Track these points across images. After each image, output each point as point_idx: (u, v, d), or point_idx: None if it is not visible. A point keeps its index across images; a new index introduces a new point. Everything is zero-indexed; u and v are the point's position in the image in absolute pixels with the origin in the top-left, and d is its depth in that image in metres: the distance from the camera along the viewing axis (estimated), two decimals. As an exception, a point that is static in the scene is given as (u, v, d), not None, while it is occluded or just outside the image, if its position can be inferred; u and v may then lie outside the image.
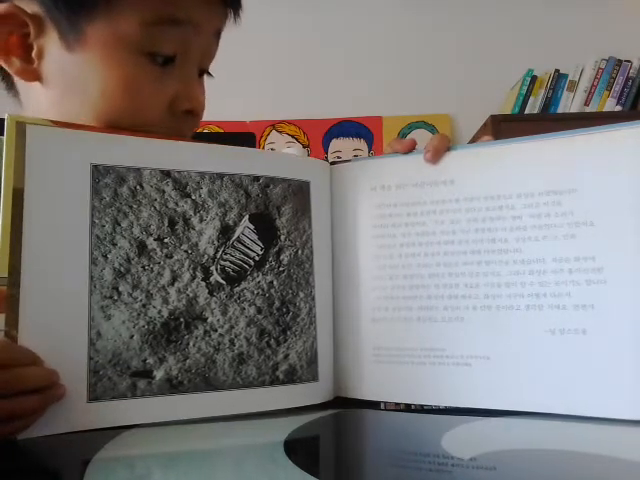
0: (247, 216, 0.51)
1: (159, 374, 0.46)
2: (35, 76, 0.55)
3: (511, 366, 0.49)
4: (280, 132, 2.32)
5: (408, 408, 0.52)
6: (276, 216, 0.52)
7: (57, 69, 0.54)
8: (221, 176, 0.50)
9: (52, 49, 0.53)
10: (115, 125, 0.52)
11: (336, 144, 2.31)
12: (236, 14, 0.59)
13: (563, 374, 0.47)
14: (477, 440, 0.44)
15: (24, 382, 0.41)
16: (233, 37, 0.62)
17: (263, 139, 2.31)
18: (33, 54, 0.53)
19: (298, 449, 0.42)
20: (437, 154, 0.54)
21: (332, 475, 0.38)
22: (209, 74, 0.61)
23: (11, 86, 0.59)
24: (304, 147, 2.29)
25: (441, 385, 0.51)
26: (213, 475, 0.37)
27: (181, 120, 0.57)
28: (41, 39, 0.53)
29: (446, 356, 0.51)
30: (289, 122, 2.31)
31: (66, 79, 0.54)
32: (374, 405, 0.53)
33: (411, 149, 0.56)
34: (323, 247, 0.55)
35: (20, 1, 0.53)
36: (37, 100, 0.56)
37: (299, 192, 0.54)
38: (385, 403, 0.53)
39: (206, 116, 0.62)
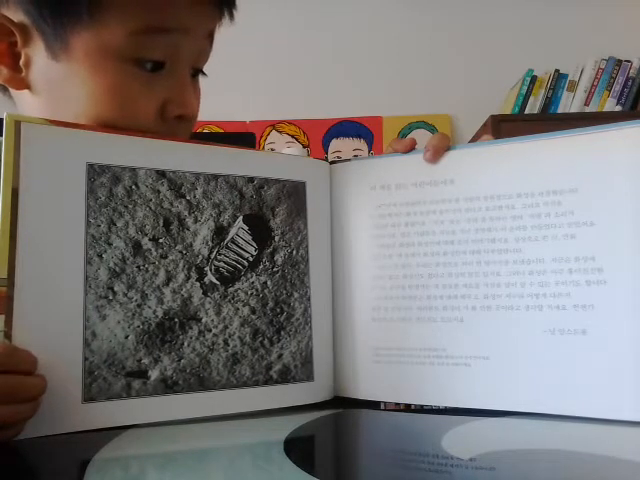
0: (241, 217, 0.51)
1: (154, 374, 0.46)
2: (23, 84, 0.54)
3: (511, 366, 0.49)
4: (280, 132, 2.31)
5: (408, 408, 0.52)
6: (270, 217, 0.52)
7: (44, 78, 0.53)
8: (216, 177, 0.50)
9: (39, 58, 0.53)
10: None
11: (336, 144, 2.31)
12: (230, 13, 0.58)
13: (563, 374, 0.47)
14: (477, 440, 0.44)
15: (23, 391, 0.41)
16: (233, 37, 0.62)
17: (263, 139, 2.30)
18: (21, 63, 0.53)
19: (298, 449, 0.42)
20: (437, 153, 0.53)
21: (332, 475, 0.38)
22: (203, 73, 0.61)
23: (5, 89, 0.59)
24: (304, 147, 2.29)
25: (441, 385, 0.51)
26: (213, 475, 0.37)
27: (173, 126, 0.56)
28: (28, 48, 0.53)
29: (445, 356, 0.51)
30: (289, 122, 2.31)
31: (53, 88, 0.53)
32: (374, 405, 0.53)
33: (411, 149, 0.55)
34: (320, 247, 0.55)
35: (7, 10, 0.52)
36: (29, 106, 0.56)
37: (294, 193, 0.54)
38: (385, 403, 0.52)
39: (206, 116, 0.61)
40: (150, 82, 0.53)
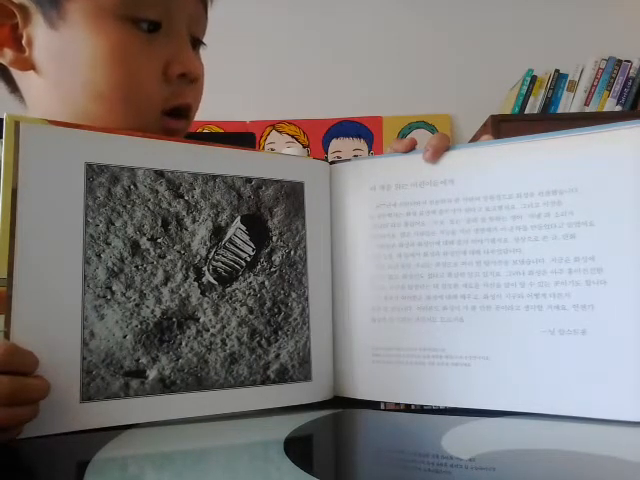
0: (239, 217, 0.51)
1: (152, 374, 0.46)
2: (28, 64, 0.56)
3: (510, 366, 0.49)
4: (280, 132, 2.32)
5: (408, 408, 0.52)
6: (268, 217, 0.52)
7: (47, 52, 0.55)
8: (214, 177, 0.50)
9: (39, 34, 0.54)
10: (115, 98, 0.54)
11: (336, 144, 2.31)
12: None
13: (563, 375, 0.47)
14: (476, 440, 0.44)
15: (26, 393, 0.41)
16: (234, 37, 0.62)
17: (263, 139, 2.31)
18: (23, 42, 0.55)
19: (298, 448, 0.42)
20: (436, 153, 0.53)
21: (331, 475, 0.38)
22: (203, 44, 0.62)
23: (15, 87, 0.61)
24: (304, 147, 2.29)
25: (440, 385, 0.51)
26: (213, 475, 0.37)
27: (178, 86, 0.57)
28: (29, 27, 0.55)
29: (445, 356, 0.51)
30: (289, 122, 2.31)
31: (56, 60, 0.55)
32: (373, 405, 0.52)
33: (411, 149, 0.55)
34: (319, 247, 0.55)
35: None
36: (36, 90, 0.57)
37: (292, 193, 0.54)
38: (385, 403, 0.52)
39: (206, 116, 0.62)
40: (150, 42, 0.55)
